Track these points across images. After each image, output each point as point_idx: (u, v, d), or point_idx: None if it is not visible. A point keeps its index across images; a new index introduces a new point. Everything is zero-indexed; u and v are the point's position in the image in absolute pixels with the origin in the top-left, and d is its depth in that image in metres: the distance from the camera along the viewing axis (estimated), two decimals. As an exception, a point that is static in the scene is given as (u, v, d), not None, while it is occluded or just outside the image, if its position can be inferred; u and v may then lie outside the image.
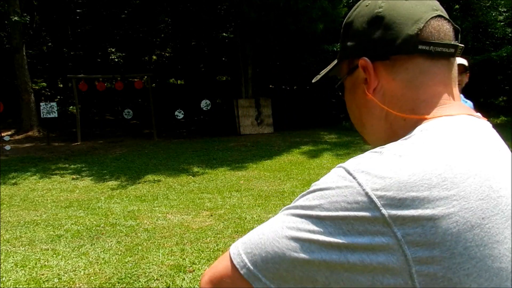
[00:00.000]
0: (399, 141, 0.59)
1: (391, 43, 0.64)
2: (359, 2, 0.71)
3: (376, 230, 0.49)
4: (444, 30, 0.64)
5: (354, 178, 0.52)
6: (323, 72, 0.80)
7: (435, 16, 0.64)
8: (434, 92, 0.64)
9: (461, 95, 3.06)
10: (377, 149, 0.57)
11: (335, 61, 0.76)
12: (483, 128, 0.62)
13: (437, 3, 0.67)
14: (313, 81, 0.84)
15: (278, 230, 0.55)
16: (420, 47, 0.62)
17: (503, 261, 0.51)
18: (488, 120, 0.68)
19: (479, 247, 0.50)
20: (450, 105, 0.64)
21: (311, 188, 0.56)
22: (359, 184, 0.51)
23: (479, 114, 0.67)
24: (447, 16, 0.66)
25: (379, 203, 0.49)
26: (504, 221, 0.52)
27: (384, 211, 0.49)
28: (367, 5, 0.68)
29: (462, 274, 0.49)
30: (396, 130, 0.66)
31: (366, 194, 0.50)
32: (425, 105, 0.64)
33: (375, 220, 0.49)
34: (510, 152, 0.64)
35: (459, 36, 0.67)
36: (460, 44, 0.65)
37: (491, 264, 0.50)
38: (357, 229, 0.50)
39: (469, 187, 0.51)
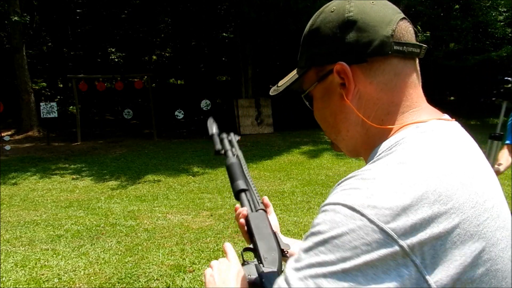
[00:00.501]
0: (383, 161, 0.58)
1: (367, 45, 0.64)
2: (321, 9, 0.70)
3: (398, 263, 0.49)
4: (410, 31, 0.67)
5: (363, 215, 0.51)
6: (283, 85, 0.77)
7: (402, 18, 0.66)
8: (407, 94, 0.65)
9: None
10: (366, 174, 0.56)
11: (295, 73, 0.74)
12: (455, 132, 0.64)
13: (394, 6, 0.69)
14: (271, 94, 0.80)
15: None
16: (395, 47, 0.64)
17: (499, 262, 0.54)
18: (457, 121, 0.69)
19: (480, 253, 0.52)
20: (420, 108, 0.66)
21: (319, 238, 0.52)
22: (371, 221, 0.50)
23: (446, 116, 0.68)
24: (407, 18, 0.69)
25: (395, 235, 0.49)
26: (493, 223, 0.54)
27: (402, 242, 0.49)
28: (332, 11, 0.67)
29: (469, 282, 0.51)
30: (372, 137, 0.67)
31: (382, 229, 0.50)
32: (399, 109, 0.65)
33: (396, 254, 0.49)
34: (480, 151, 0.67)
35: (419, 37, 0.70)
36: (424, 45, 0.67)
37: (490, 267, 0.53)
38: (382, 270, 0.49)
39: (461, 197, 0.53)
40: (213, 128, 1.17)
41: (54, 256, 4.07)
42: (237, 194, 0.99)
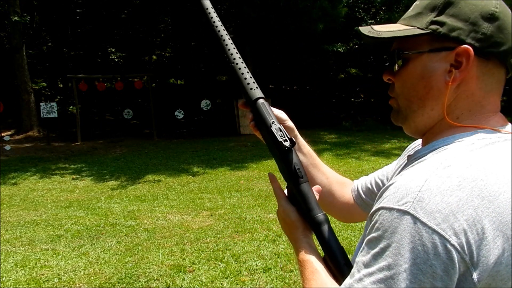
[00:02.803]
0: (432, 164, 0.61)
1: (498, 45, 0.66)
2: None
3: (453, 261, 0.54)
4: None
5: (416, 218, 0.55)
6: (387, 32, 0.71)
7: None
8: (493, 101, 0.69)
9: None
10: (417, 177, 0.59)
11: (414, 28, 0.69)
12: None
13: None
14: (367, 33, 0.72)
15: None
16: (511, 60, 0.67)
17: None
18: None
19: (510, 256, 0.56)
20: (494, 115, 0.69)
21: (381, 243, 0.57)
22: (424, 224, 0.55)
23: (510, 127, 0.70)
24: None
25: (446, 235, 0.54)
26: None
27: (453, 241, 0.54)
28: None
29: (499, 280, 0.56)
30: (441, 124, 0.70)
31: (434, 230, 0.54)
32: (480, 110, 0.68)
33: (449, 253, 0.54)
34: None
35: None
36: None
37: None
38: (440, 268, 0.55)
39: (502, 203, 0.57)
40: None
41: (54, 256, 4.07)
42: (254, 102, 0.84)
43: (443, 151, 0.64)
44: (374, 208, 0.61)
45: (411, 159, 0.73)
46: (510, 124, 0.71)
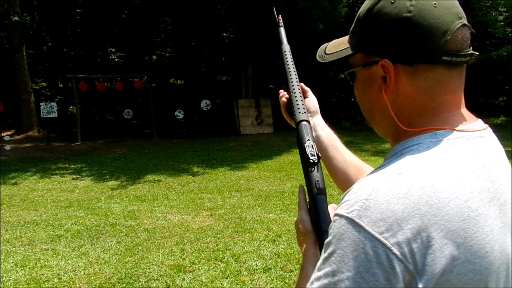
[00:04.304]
0: (385, 171, 0.61)
1: (417, 51, 0.63)
2: None
3: (395, 270, 0.54)
4: (465, 39, 0.65)
5: (360, 226, 0.55)
6: (334, 55, 0.77)
7: (460, 26, 0.64)
8: (443, 100, 0.66)
9: None
10: (367, 185, 0.59)
11: (348, 48, 0.73)
12: (476, 143, 0.64)
13: (459, 6, 0.67)
14: (320, 60, 0.81)
15: None
16: (444, 58, 0.63)
17: (483, 273, 0.57)
18: (486, 122, 0.69)
19: (464, 264, 0.55)
20: (453, 114, 0.66)
21: (329, 249, 0.58)
22: (368, 232, 0.55)
23: (479, 122, 0.69)
24: (467, 23, 0.66)
25: (388, 244, 0.54)
26: (484, 236, 0.57)
27: (395, 250, 0.54)
28: (393, 2, 0.65)
29: (444, 283, 0.55)
30: (399, 133, 0.70)
31: (377, 239, 0.54)
32: (431, 113, 0.66)
33: (391, 261, 0.54)
34: (506, 163, 0.68)
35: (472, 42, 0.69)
36: (475, 52, 0.67)
37: (473, 277, 0.56)
38: (382, 276, 0.55)
39: (452, 210, 0.56)
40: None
41: (54, 256, 4.07)
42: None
43: (399, 157, 0.63)
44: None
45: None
46: (478, 120, 0.69)
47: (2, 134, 11.63)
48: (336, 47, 0.77)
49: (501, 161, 0.67)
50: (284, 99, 1.06)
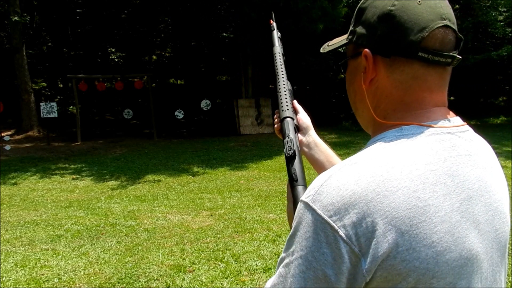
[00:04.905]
0: (345, 161, 0.64)
1: (394, 44, 0.67)
2: None
3: (341, 250, 0.58)
4: (446, 40, 0.67)
5: (313, 210, 0.60)
6: (332, 46, 0.82)
7: (441, 26, 0.66)
8: (418, 97, 0.68)
9: None
10: (326, 173, 0.63)
11: (345, 38, 0.77)
12: (441, 138, 0.65)
13: (449, 9, 0.68)
14: (321, 51, 0.86)
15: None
16: (419, 54, 0.65)
17: (430, 262, 0.58)
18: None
19: (408, 251, 0.57)
20: (426, 111, 0.68)
21: (291, 232, 0.63)
22: (318, 215, 0.59)
23: (456, 119, 0.69)
24: (453, 26, 0.68)
25: (335, 226, 0.58)
26: (432, 227, 0.59)
27: (341, 233, 0.58)
28: None
29: (395, 274, 0.57)
30: (375, 124, 0.73)
31: (326, 222, 0.58)
32: (405, 108, 0.68)
33: (338, 243, 0.58)
34: (488, 163, 0.69)
35: (461, 44, 0.70)
36: (458, 56, 0.68)
37: (419, 265, 0.57)
38: (331, 255, 0.59)
39: (398, 198, 0.58)
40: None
41: (54, 256, 4.07)
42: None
43: (364, 149, 0.67)
44: None
45: None
46: (456, 117, 0.70)
47: (2, 134, 11.63)
48: (337, 40, 0.82)
49: (477, 160, 0.67)
50: (276, 126, 1.11)
